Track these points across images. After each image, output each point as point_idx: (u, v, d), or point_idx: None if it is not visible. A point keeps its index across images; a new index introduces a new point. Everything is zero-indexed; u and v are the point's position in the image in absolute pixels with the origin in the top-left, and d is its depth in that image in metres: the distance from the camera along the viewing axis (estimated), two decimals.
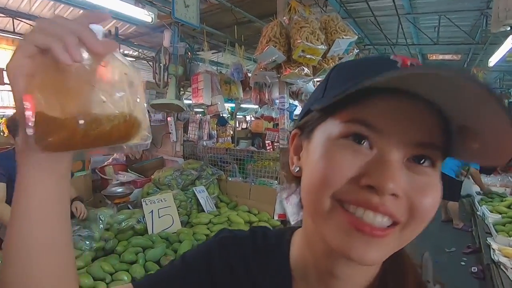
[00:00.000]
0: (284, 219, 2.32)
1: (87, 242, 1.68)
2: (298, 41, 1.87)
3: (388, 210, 0.30)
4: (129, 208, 2.25)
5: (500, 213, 2.75)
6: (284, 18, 2.16)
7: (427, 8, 4.33)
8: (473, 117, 0.28)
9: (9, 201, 1.78)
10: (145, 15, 2.21)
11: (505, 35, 2.96)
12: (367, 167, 0.30)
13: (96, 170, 2.75)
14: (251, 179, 2.75)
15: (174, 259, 0.50)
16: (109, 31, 3.78)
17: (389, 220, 0.30)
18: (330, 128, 0.33)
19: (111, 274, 1.45)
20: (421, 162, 0.31)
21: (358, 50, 2.35)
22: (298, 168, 0.39)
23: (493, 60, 4.21)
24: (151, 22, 2.19)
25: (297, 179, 0.39)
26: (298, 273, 0.42)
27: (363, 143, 0.31)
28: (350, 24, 4.60)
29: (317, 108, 0.34)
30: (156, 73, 3.14)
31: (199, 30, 3.08)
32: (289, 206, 2.37)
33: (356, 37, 2.01)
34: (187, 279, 0.45)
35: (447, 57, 6.75)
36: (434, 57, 7.01)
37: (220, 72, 3.22)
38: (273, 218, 2.29)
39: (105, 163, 3.03)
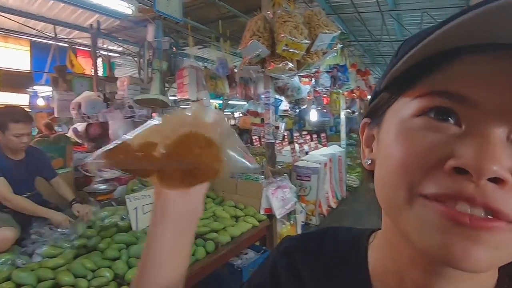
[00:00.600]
0: (270, 213, 2.34)
1: (69, 240, 1.65)
2: (282, 35, 1.88)
3: (491, 203, 0.22)
4: (112, 205, 2.21)
5: None
6: (268, 12, 2.15)
7: (410, 5, 4.41)
8: None
9: None
10: (125, 7, 2.16)
11: None
12: (454, 147, 0.23)
13: (79, 167, 2.69)
14: (238, 174, 2.75)
15: (242, 284, 0.46)
16: (90, 25, 3.68)
17: (488, 213, 0.22)
18: (403, 107, 0.27)
19: (93, 271, 1.42)
20: None
21: (341, 45, 2.37)
22: (370, 161, 0.33)
23: None
24: (132, 14, 2.15)
25: (370, 173, 0.33)
26: (379, 284, 0.34)
27: (448, 120, 0.24)
28: (335, 20, 4.65)
29: (384, 85, 0.28)
30: (142, 69, 3.09)
31: (184, 25, 3.04)
32: (275, 200, 2.38)
33: (339, 31, 2.03)
34: None
35: None
36: None
37: (206, 67, 3.19)
38: (259, 212, 2.31)
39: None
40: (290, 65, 2.05)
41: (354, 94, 4.98)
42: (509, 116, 0.22)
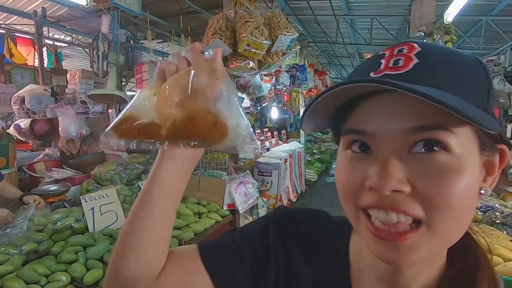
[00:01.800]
0: (233, 209, 2.39)
1: (16, 246, 1.53)
2: (243, 35, 1.93)
3: (397, 207, 0.29)
4: (65, 207, 2.08)
5: None
6: (230, 11, 2.18)
7: (362, 11, 4.75)
8: None
9: None
10: None
11: (421, 39, 3.43)
12: (368, 171, 0.31)
13: (24, 168, 2.47)
14: (200, 171, 2.76)
15: (235, 229, 0.51)
16: (34, 11, 3.36)
17: (405, 217, 0.29)
18: (342, 141, 0.35)
19: (47, 276, 1.35)
20: (433, 148, 0.29)
21: (300, 47, 2.50)
22: None
23: None
24: (86, 5, 2.03)
25: None
26: (356, 266, 0.42)
27: (363, 149, 0.32)
28: (294, 21, 4.83)
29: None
30: (94, 62, 2.92)
31: (142, 18, 2.93)
32: (238, 196, 2.44)
33: (297, 34, 2.14)
34: (243, 252, 0.46)
35: None
36: (368, 56, 7.71)
37: None
38: (222, 208, 2.35)
39: (35, 160, 2.73)
40: (252, 64, 2.11)
41: (312, 93, 5.22)
42: (395, 139, 0.30)
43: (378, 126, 0.31)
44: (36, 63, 4.99)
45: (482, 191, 0.32)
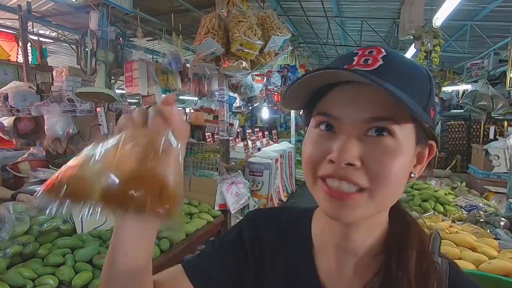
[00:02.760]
0: (224, 209, 2.38)
1: (0, 248, 1.48)
2: (236, 35, 1.92)
3: (348, 177, 0.37)
4: None
5: None
6: (223, 10, 2.17)
7: (352, 13, 4.81)
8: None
9: None
10: None
11: (410, 42, 3.50)
12: (330, 146, 0.39)
13: (7, 167, 2.39)
14: (192, 171, 2.73)
15: (214, 240, 0.56)
16: (19, 5, 3.25)
17: (354, 187, 0.37)
18: (312, 120, 0.43)
19: (33, 280, 1.31)
20: (382, 133, 0.37)
21: (292, 47, 2.50)
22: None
23: None
24: (76, 1, 1.97)
25: None
26: (318, 242, 0.50)
27: (329, 129, 0.40)
28: (285, 22, 4.84)
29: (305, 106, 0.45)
30: (81, 59, 2.85)
31: (132, 15, 2.88)
32: (229, 196, 2.44)
33: (290, 35, 2.15)
34: (225, 258, 0.52)
35: None
36: None
37: (156, 61, 3.07)
38: (214, 208, 2.34)
39: (19, 159, 2.64)
40: (244, 64, 2.11)
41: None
42: (355, 124, 0.38)
43: (343, 112, 0.39)
44: (20, 59, 4.83)
45: (412, 175, 0.41)
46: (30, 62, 4.43)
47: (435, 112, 0.42)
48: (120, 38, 2.89)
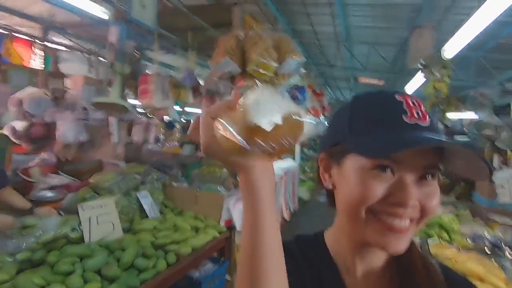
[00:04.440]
0: (230, 225, 2.38)
1: (9, 254, 1.49)
2: (252, 56, 1.99)
3: (409, 216, 0.44)
4: (60, 215, 2.04)
5: None
6: (240, 32, 2.26)
7: (360, 38, 4.96)
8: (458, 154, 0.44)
9: None
10: (101, 12, 2.08)
11: (416, 71, 3.59)
12: (392, 188, 0.43)
13: (18, 172, 2.41)
14: (197, 185, 2.75)
15: None
16: (42, 17, 3.38)
17: (410, 223, 0.44)
18: (362, 161, 0.45)
19: (43, 287, 1.31)
20: (434, 177, 0.45)
21: (305, 71, 2.58)
22: (331, 185, 0.52)
23: (407, 89, 5.02)
24: (108, 19, 2.07)
25: (329, 191, 0.54)
26: (343, 266, 0.54)
27: (387, 170, 0.44)
28: (295, 43, 4.99)
29: (352, 149, 0.47)
30: (92, 66, 2.93)
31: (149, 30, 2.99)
32: (236, 212, 2.44)
33: (305, 59, 2.23)
34: None
35: (373, 81, 7.76)
36: (363, 80, 7.98)
37: (170, 75, 3.16)
38: (220, 223, 2.34)
39: (30, 164, 2.67)
40: (259, 84, 2.17)
41: (310, 113, 5.32)
42: (417, 168, 0.43)
43: (407, 159, 0.43)
44: (32, 65, 4.95)
45: None
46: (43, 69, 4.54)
47: None
48: (136, 52, 2.99)
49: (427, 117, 0.45)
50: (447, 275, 0.52)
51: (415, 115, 0.44)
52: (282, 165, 4.50)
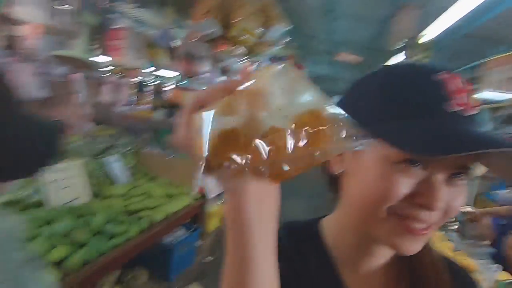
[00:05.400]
0: (203, 192, 2.38)
1: None
2: (238, 19, 1.88)
3: (434, 220, 0.39)
4: None
5: None
6: None
7: (343, 11, 4.85)
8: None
9: None
10: None
11: (397, 52, 3.62)
12: (420, 187, 0.37)
13: None
14: (170, 151, 2.67)
15: None
16: None
17: (428, 224, 0.39)
18: (388, 150, 0.37)
19: None
20: (465, 176, 0.39)
21: (287, 39, 2.50)
22: (341, 170, 0.45)
23: None
24: None
25: (333, 177, 0.47)
26: (341, 258, 0.49)
27: (417, 165, 0.37)
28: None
29: (380, 137, 0.37)
30: (53, 13, 2.62)
31: None
32: (208, 181, 2.43)
33: (289, 27, 2.15)
34: None
35: (351, 58, 7.79)
36: (341, 57, 7.97)
37: (144, 33, 2.91)
38: (193, 191, 2.32)
39: None
40: (240, 49, 2.08)
41: None
42: (449, 167, 0.37)
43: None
44: None
45: None
46: None
47: None
48: (107, 2, 2.69)
49: (472, 104, 0.36)
50: (450, 268, 0.49)
51: (459, 101, 0.36)
52: None
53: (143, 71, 2.50)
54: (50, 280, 0.76)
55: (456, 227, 2.44)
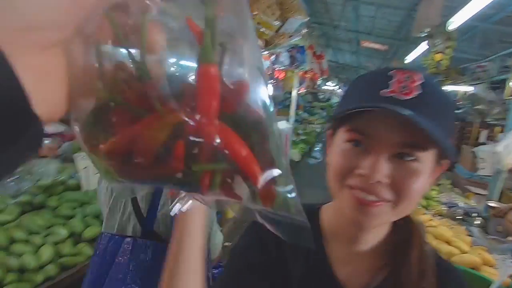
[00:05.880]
0: None
1: (11, 196, 1.56)
2: (255, 13, 1.91)
3: (376, 192, 0.43)
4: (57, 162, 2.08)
5: None
6: None
7: None
8: None
9: None
10: None
11: (422, 39, 3.48)
12: (364, 161, 0.43)
13: None
14: None
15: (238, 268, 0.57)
16: None
17: (378, 199, 0.43)
18: (342, 133, 0.46)
19: (46, 228, 1.41)
20: (410, 158, 0.42)
21: (306, 30, 2.49)
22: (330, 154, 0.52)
23: (408, 59, 4.90)
24: None
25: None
26: (328, 236, 0.55)
27: (361, 145, 0.44)
28: None
29: (334, 117, 0.48)
30: None
31: None
32: None
33: (307, 18, 2.15)
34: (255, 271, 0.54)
35: (376, 46, 7.52)
36: (366, 44, 7.72)
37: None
38: None
39: None
40: (259, 42, 2.11)
41: (307, 76, 5.24)
42: (387, 146, 0.42)
43: (377, 134, 0.43)
44: None
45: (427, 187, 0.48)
46: None
47: (453, 138, 0.46)
48: None
49: (415, 92, 0.41)
50: (440, 266, 0.51)
51: (398, 89, 0.41)
52: None
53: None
54: (221, 237, 1.03)
55: (479, 222, 2.38)
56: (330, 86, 12.21)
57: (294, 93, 5.66)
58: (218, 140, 0.15)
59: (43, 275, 1.19)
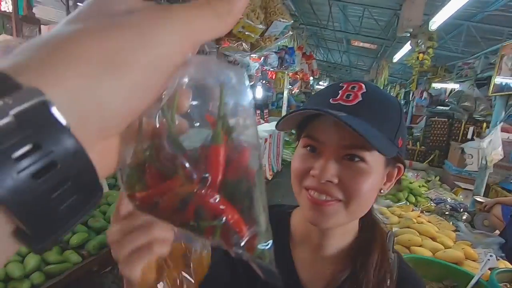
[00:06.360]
0: None
1: None
2: (239, 17, 1.93)
3: (327, 191, 0.46)
4: None
5: None
6: None
7: None
8: None
9: None
10: None
11: (406, 40, 3.54)
12: (314, 164, 0.47)
13: None
14: None
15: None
16: None
17: (330, 198, 0.46)
18: (301, 141, 0.51)
19: None
20: (356, 159, 0.46)
21: (292, 33, 2.52)
22: None
23: (396, 57, 4.98)
24: None
25: None
26: (296, 238, 0.58)
27: (313, 150, 0.49)
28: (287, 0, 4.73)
29: (296, 126, 0.52)
30: (70, 12, 2.76)
31: None
32: None
33: (292, 21, 2.17)
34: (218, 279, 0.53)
35: (366, 45, 7.60)
36: (356, 43, 7.80)
37: None
38: None
39: None
40: (244, 46, 2.13)
41: (298, 76, 5.28)
42: (335, 149, 0.46)
43: (325, 138, 0.47)
44: (4, 7, 4.51)
45: (381, 191, 0.51)
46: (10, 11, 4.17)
47: (404, 140, 0.50)
48: None
49: (357, 100, 0.46)
50: (401, 271, 0.53)
51: (344, 97, 0.47)
52: (267, 127, 4.57)
53: None
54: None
55: (465, 217, 2.43)
56: (323, 85, 12.30)
57: (285, 94, 5.70)
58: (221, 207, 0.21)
59: (28, 283, 1.19)
